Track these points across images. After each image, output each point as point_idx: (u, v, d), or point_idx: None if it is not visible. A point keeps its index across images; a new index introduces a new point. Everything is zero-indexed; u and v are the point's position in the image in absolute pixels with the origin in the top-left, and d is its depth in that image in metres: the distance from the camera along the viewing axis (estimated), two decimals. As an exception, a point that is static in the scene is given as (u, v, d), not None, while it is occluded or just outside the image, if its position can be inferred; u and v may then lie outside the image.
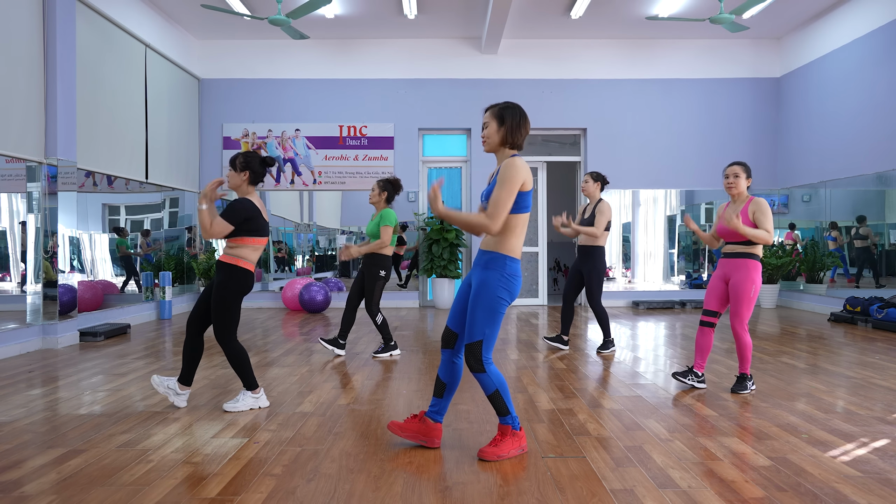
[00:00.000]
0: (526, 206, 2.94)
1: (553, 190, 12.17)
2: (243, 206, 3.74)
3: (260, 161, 3.86)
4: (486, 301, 2.91)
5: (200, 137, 10.15)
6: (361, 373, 4.98)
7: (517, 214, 2.94)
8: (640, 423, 3.59)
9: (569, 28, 9.68)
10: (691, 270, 10.52)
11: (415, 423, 3.18)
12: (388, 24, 9.51)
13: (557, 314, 9.05)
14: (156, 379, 3.91)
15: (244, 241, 3.79)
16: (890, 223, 8.03)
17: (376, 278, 5.50)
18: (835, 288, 8.96)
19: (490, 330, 2.94)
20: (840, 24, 8.85)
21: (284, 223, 10.36)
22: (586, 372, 5.03)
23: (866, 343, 6.38)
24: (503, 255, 2.94)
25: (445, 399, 3.16)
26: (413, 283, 10.30)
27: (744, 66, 10.27)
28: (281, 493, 2.61)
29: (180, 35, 9.46)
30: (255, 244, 3.82)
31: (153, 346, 6.31)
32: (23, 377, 4.85)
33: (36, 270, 6.22)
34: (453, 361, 3.12)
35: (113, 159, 7.65)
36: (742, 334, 4.24)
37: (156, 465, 2.93)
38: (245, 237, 3.78)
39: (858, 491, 2.62)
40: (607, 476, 2.80)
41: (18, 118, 5.96)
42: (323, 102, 10.16)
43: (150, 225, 8.71)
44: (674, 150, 10.26)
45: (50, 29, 6.31)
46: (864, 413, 3.79)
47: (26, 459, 3.01)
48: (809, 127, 9.52)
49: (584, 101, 10.21)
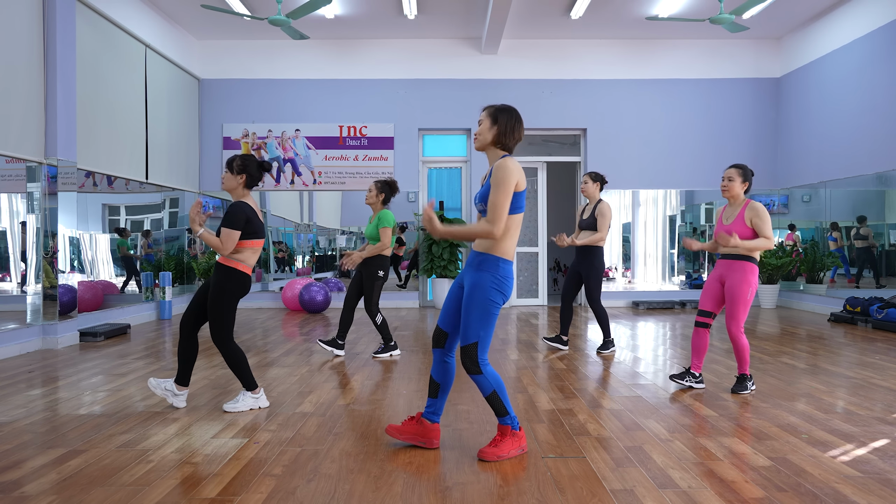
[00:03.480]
0: (519, 206, 2.95)
1: (553, 190, 12.17)
2: (241, 210, 3.74)
3: (257, 165, 3.87)
4: (479, 303, 2.91)
5: (200, 138, 10.15)
6: (361, 373, 4.98)
7: (511, 215, 2.94)
8: (640, 424, 3.59)
9: (569, 28, 9.68)
10: (691, 271, 10.52)
11: (412, 425, 3.18)
12: (388, 25, 9.51)
13: (557, 314, 9.05)
14: (153, 381, 3.91)
15: (243, 244, 3.79)
16: (890, 223, 8.03)
17: (374, 279, 5.50)
18: (835, 288, 8.96)
19: (485, 332, 2.94)
20: (840, 24, 8.86)
21: (284, 223, 10.36)
22: (586, 372, 5.03)
23: (866, 343, 6.38)
24: (496, 256, 2.94)
25: (440, 399, 3.16)
26: (413, 283, 10.30)
27: (744, 67, 10.27)
28: (281, 494, 2.61)
29: (180, 35, 9.46)
30: (254, 246, 3.83)
31: (153, 346, 6.31)
32: (23, 377, 4.85)
33: (36, 271, 6.22)
34: (445, 361, 3.12)
35: (113, 159, 7.65)
36: (738, 336, 4.24)
37: (156, 465, 2.93)
38: (244, 240, 3.79)
39: (858, 491, 2.62)
40: (607, 476, 2.80)
41: (18, 118, 5.96)
42: (323, 102, 10.16)
43: (150, 225, 8.71)
44: (674, 150, 10.26)
45: (50, 29, 6.31)
46: (864, 413, 3.79)
47: (26, 459, 3.01)
48: (809, 127, 9.53)
49: (584, 101, 10.21)
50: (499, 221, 2.86)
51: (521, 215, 2.97)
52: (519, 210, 2.95)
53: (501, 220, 2.87)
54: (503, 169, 2.89)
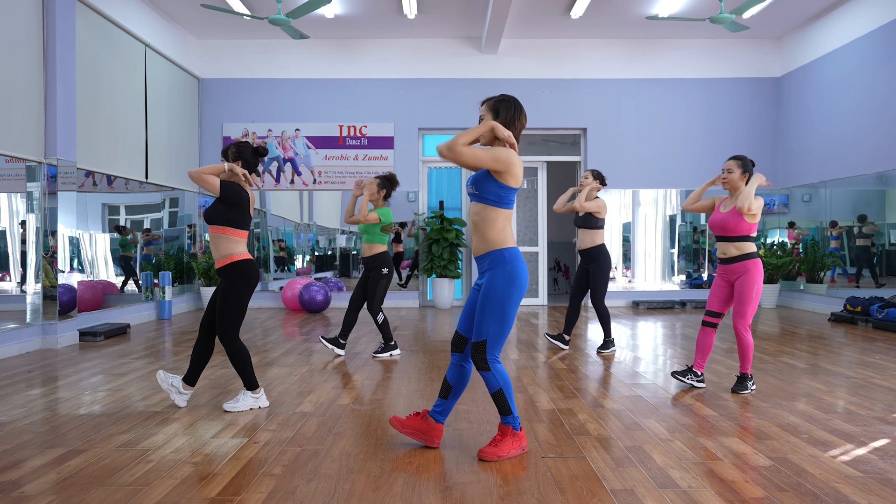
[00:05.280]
0: (509, 201, 2.93)
1: (553, 190, 12.14)
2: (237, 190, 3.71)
3: (252, 151, 3.85)
4: (493, 302, 2.90)
5: (200, 137, 10.15)
6: (361, 373, 4.98)
7: (498, 208, 2.93)
8: (640, 423, 3.59)
9: (569, 28, 9.68)
10: (691, 270, 10.51)
11: (417, 421, 3.17)
12: (388, 24, 9.51)
13: (557, 314, 9.05)
14: (161, 374, 3.90)
15: (226, 231, 3.73)
16: (890, 223, 8.03)
17: (381, 276, 5.50)
18: (835, 288, 8.96)
19: (496, 329, 2.92)
20: (840, 24, 8.85)
21: (284, 223, 10.36)
22: (586, 372, 5.02)
23: (866, 343, 6.38)
24: (498, 249, 2.93)
25: (450, 401, 3.15)
26: (413, 283, 10.30)
27: (744, 66, 10.27)
28: (281, 493, 2.60)
29: (180, 35, 9.46)
30: (237, 237, 3.77)
31: (153, 346, 6.31)
32: (22, 377, 4.85)
33: (36, 270, 6.22)
34: (462, 365, 3.10)
35: (113, 159, 7.65)
36: (744, 334, 4.23)
37: (156, 465, 2.93)
38: (227, 227, 3.73)
39: (859, 491, 2.62)
40: (607, 476, 2.79)
41: (18, 118, 5.95)
42: (323, 102, 10.15)
43: (150, 225, 8.71)
44: (674, 150, 10.25)
45: (50, 29, 6.31)
46: (865, 413, 3.79)
47: (26, 459, 3.01)
48: (809, 127, 9.52)
49: (584, 101, 10.21)
50: (455, 146, 2.82)
51: (509, 211, 2.96)
52: (508, 205, 2.94)
53: (457, 145, 2.82)
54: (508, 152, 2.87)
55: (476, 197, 2.98)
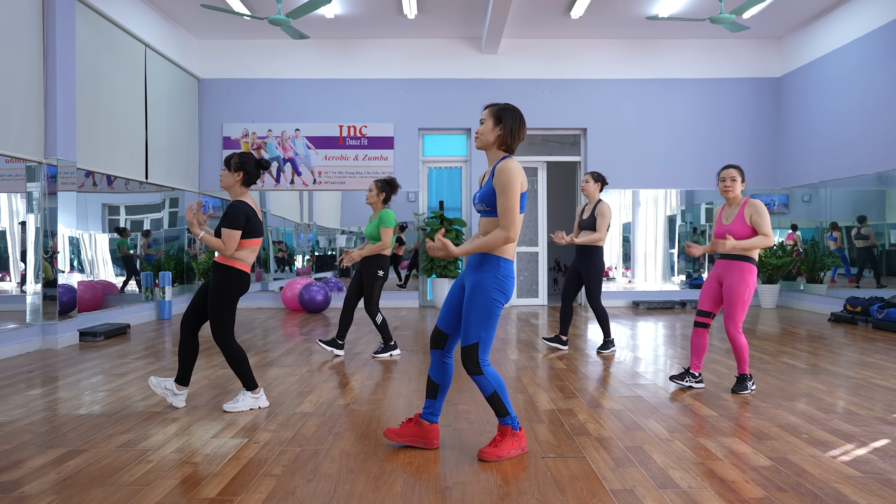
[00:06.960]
0: (521, 207, 2.94)
1: (553, 190, 12.16)
2: (241, 209, 3.74)
3: (255, 163, 3.86)
4: (480, 303, 2.90)
5: (200, 137, 10.15)
6: (361, 373, 4.98)
7: None
8: (640, 423, 3.59)
9: (569, 28, 9.68)
10: (691, 270, 10.52)
11: (411, 427, 3.17)
12: (388, 24, 9.51)
13: (557, 314, 9.05)
14: (153, 380, 3.91)
15: (242, 243, 3.79)
16: (890, 223, 8.03)
17: (375, 279, 5.50)
18: (835, 288, 8.96)
19: (486, 332, 2.93)
20: (840, 24, 8.85)
21: (284, 223, 10.36)
22: (586, 372, 5.02)
23: (867, 343, 6.38)
24: (496, 256, 2.92)
25: (438, 400, 3.15)
26: (413, 283, 10.30)
27: (744, 66, 10.27)
28: (281, 494, 2.60)
29: (180, 35, 9.46)
30: (252, 245, 3.82)
31: (153, 346, 6.31)
32: (22, 377, 4.85)
33: (36, 270, 6.22)
34: (444, 362, 3.11)
35: (113, 159, 7.65)
36: (736, 336, 4.23)
37: (155, 465, 2.93)
38: (243, 239, 3.78)
39: (859, 491, 2.62)
40: (607, 476, 2.79)
41: (18, 118, 5.96)
42: (323, 102, 10.15)
43: (150, 225, 8.71)
44: (674, 150, 10.25)
45: (50, 29, 6.31)
46: (865, 413, 3.79)
47: (26, 459, 3.01)
48: (809, 127, 9.52)
49: (584, 101, 10.21)
50: (513, 225, 2.85)
51: (522, 215, 2.97)
52: (520, 211, 2.94)
53: (515, 223, 2.86)
54: (506, 172, 2.86)
55: (487, 213, 2.97)
